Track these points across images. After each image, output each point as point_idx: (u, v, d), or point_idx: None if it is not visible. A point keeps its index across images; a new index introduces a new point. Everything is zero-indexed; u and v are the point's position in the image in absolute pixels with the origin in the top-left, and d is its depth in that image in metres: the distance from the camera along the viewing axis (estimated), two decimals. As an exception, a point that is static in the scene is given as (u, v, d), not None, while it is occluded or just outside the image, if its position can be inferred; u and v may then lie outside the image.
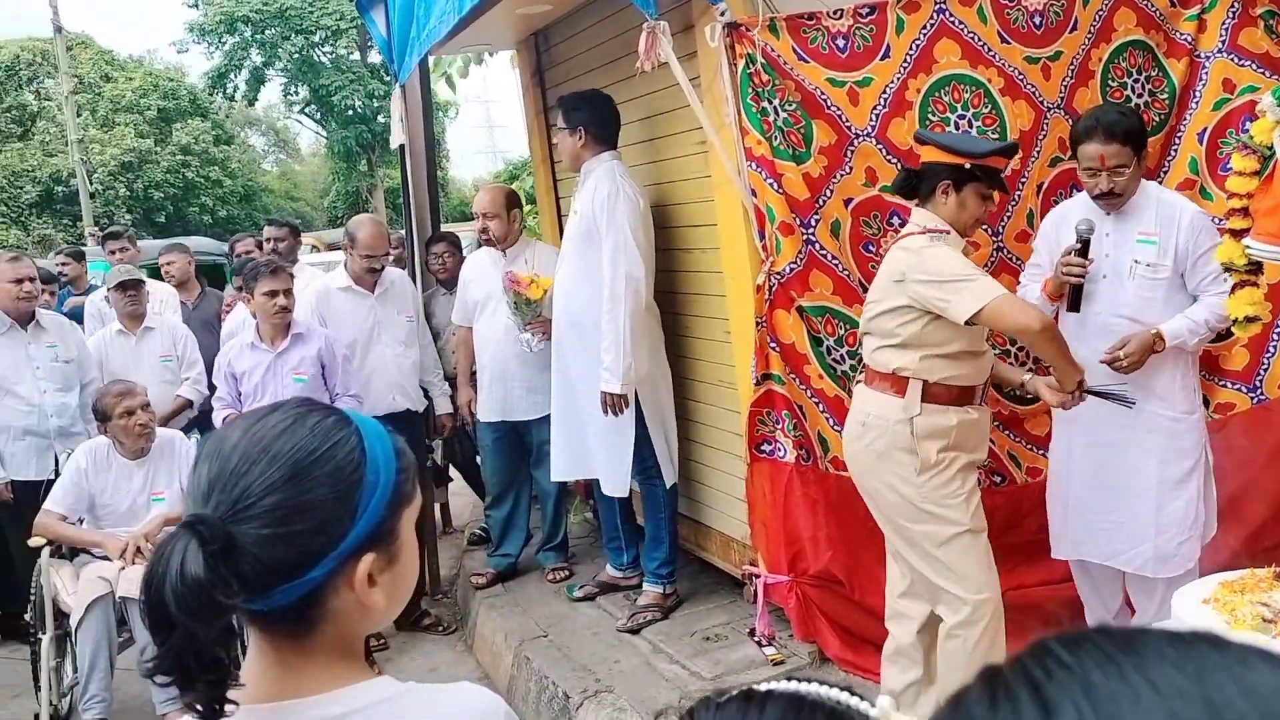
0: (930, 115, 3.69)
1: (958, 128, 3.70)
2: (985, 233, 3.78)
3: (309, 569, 1.00)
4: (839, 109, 3.64)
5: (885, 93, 3.67)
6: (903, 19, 3.66)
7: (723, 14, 3.51)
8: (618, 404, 4.10)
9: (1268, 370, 3.78)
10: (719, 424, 4.39)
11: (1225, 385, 3.82)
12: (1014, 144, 3.40)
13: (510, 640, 4.41)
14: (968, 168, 3.07)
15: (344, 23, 27.16)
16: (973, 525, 3.10)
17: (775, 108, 3.58)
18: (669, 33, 3.54)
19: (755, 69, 3.54)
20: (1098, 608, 3.60)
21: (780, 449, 3.72)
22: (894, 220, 3.70)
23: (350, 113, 29.21)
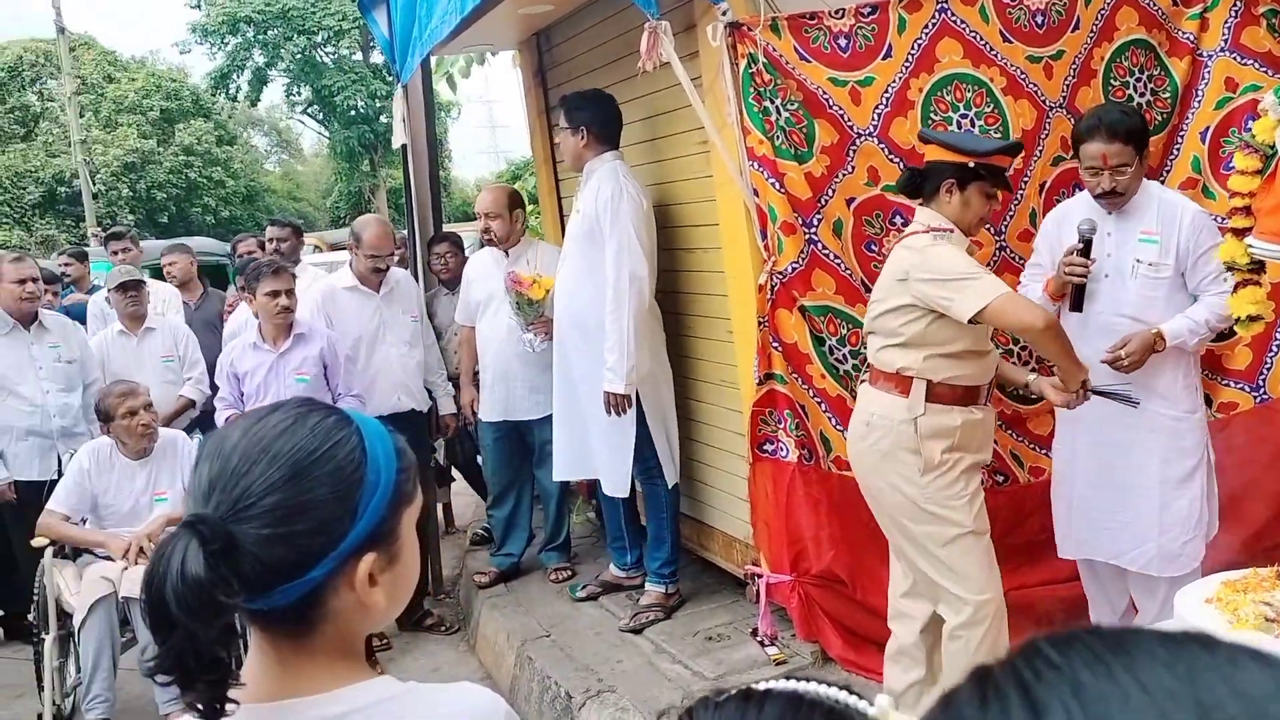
0: (932, 115, 3.69)
1: (960, 127, 3.70)
2: (988, 232, 3.77)
3: (309, 569, 1.00)
4: (841, 108, 3.63)
5: (887, 92, 3.66)
6: (904, 18, 3.66)
7: (724, 13, 3.51)
8: (621, 404, 4.10)
9: (1270, 369, 3.77)
10: (721, 424, 4.39)
11: (1228, 384, 3.82)
12: (1018, 143, 3.40)
13: (513, 640, 4.41)
14: (972, 166, 3.07)
15: (346, 23, 27.21)
16: (975, 527, 3.09)
17: (777, 107, 3.58)
18: (670, 32, 3.54)
19: (757, 68, 3.54)
20: (1104, 607, 3.59)
21: (783, 449, 3.72)
22: (896, 219, 3.70)
23: (353, 113, 29.26)
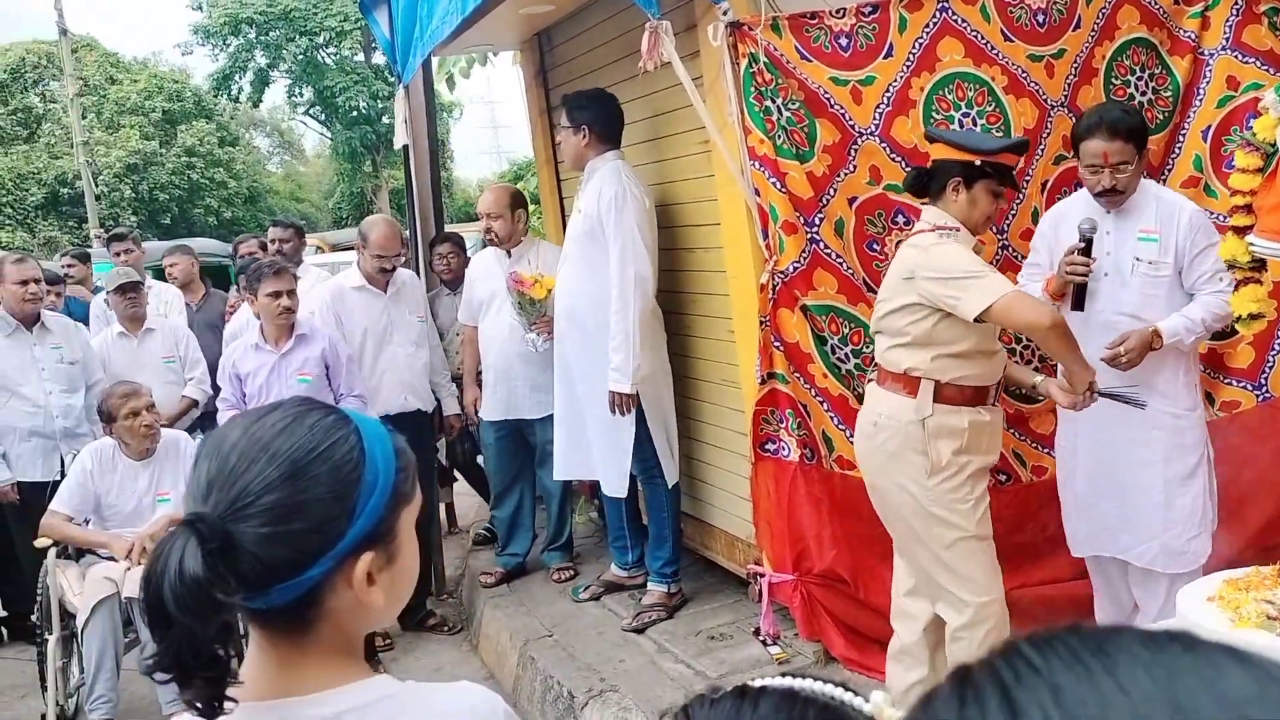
0: (934, 114, 3.69)
1: (962, 126, 3.69)
2: (991, 231, 3.76)
3: (307, 568, 1.00)
4: (842, 108, 3.63)
5: (889, 91, 3.66)
6: (905, 17, 3.66)
7: (725, 13, 3.51)
8: (626, 404, 4.10)
9: (1272, 368, 3.77)
10: (723, 423, 4.39)
11: (1230, 383, 3.81)
12: (1024, 141, 3.39)
13: (515, 640, 4.41)
14: (978, 165, 3.07)
15: (348, 24, 27.21)
16: (978, 532, 3.09)
17: (778, 107, 3.58)
18: (671, 32, 3.54)
19: (758, 68, 3.54)
20: (1111, 604, 3.58)
21: (784, 448, 3.72)
22: (898, 218, 3.70)
23: (355, 114, 29.25)
